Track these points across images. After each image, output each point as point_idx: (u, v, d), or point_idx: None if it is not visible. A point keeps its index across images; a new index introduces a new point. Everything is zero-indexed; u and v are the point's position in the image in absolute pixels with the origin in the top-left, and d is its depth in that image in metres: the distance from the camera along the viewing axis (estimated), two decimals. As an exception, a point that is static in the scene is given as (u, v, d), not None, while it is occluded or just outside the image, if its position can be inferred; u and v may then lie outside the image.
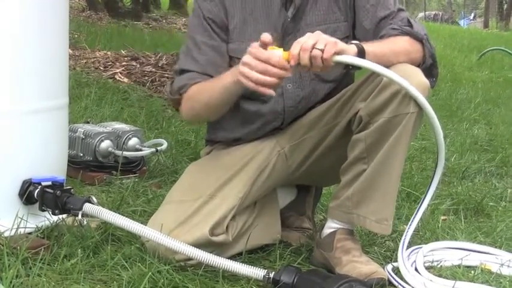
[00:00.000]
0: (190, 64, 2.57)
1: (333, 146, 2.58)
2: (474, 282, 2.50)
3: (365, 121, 2.43)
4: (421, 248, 2.70)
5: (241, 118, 2.63)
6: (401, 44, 2.48)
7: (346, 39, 2.54)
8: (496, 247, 2.86)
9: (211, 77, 2.51)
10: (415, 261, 2.57)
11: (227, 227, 2.49)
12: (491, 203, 3.56)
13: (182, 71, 2.57)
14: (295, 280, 2.25)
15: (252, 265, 2.32)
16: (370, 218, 2.47)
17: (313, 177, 2.72)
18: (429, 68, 2.52)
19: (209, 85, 2.50)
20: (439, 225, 3.13)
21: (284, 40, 2.51)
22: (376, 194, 2.46)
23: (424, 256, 2.64)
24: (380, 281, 2.40)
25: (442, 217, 3.27)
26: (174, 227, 2.42)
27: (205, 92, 2.50)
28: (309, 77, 2.58)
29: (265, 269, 2.32)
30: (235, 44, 2.58)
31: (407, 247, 2.62)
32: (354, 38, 2.56)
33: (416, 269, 2.53)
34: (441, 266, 2.65)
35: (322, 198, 3.24)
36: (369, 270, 2.41)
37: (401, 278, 2.48)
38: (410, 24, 2.53)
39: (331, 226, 2.57)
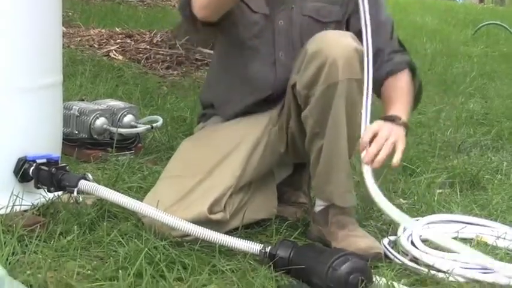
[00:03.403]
0: None
1: (298, 124, 2.58)
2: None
3: (303, 95, 2.44)
4: (417, 220, 2.70)
5: (237, 85, 2.65)
6: (410, 87, 2.64)
7: (336, 24, 2.54)
8: (491, 220, 2.87)
9: None
10: (411, 234, 2.58)
11: (225, 205, 2.49)
12: (486, 176, 3.57)
13: None
14: (291, 254, 2.26)
15: (248, 240, 2.33)
16: (335, 193, 2.51)
17: (302, 155, 2.71)
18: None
19: None
20: (435, 198, 3.13)
21: (276, 10, 2.54)
22: (335, 167, 2.48)
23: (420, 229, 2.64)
24: (377, 256, 2.40)
25: (438, 190, 3.28)
26: (172, 204, 2.42)
27: None
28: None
29: (261, 243, 2.33)
30: None
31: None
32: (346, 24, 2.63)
33: (412, 242, 2.53)
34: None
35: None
36: (366, 245, 2.41)
37: (398, 252, 2.49)
38: (402, 46, 2.73)
39: (320, 203, 2.58)
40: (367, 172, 2.35)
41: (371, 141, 2.37)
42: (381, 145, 2.37)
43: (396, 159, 2.39)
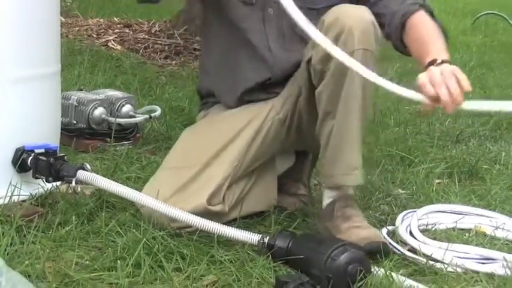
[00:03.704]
0: None
1: (309, 105, 2.56)
2: (469, 244, 2.51)
3: (318, 70, 2.42)
4: (415, 211, 2.70)
5: (234, 70, 2.64)
6: (433, 23, 2.53)
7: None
8: (490, 210, 2.87)
9: None
10: (409, 224, 2.58)
11: (224, 197, 2.48)
12: (485, 166, 3.57)
13: None
14: (289, 244, 2.26)
15: (246, 230, 2.33)
16: (342, 173, 2.48)
17: (307, 142, 2.70)
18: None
19: None
20: (434, 188, 3.13)
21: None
22: (345, 145, 2.45)
23: (419, 219, 2.64)
24: (377, 245, 2.38)
25: (437, 180, 3.28)
26: (171, 195, 2.42)
27: None
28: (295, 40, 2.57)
29: (260, 233, 2.32)
30: None
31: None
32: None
33: (411, 232, 2.53)
34: (436, 229, 2.65)
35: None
36: (366, 235, 2.40)
37: (397, 242, 2.49)
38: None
39: (328, 196, 2.56)
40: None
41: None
42: (446, 85, 2.26)
43: (466, 84, 2.30)
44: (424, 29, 2.51)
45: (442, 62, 2.32)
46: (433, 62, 2.33)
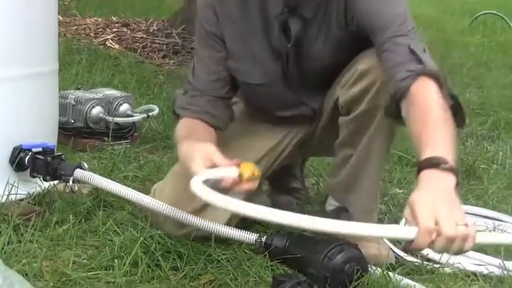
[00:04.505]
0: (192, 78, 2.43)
1: (327, 128, 2.48)
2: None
3: (345, 108, 2.35)
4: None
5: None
6: (435, 101, 1.99)
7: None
8: (487, 209, 2.87)
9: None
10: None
11: None
12: (482, 166, 3.57)
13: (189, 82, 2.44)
14: (287, 244, 2.25)
15: (243, 229, 2.32)
16: (356, 210, 2.42)
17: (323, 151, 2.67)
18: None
19: (184, 147, 2.19)
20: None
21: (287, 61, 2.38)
22: (360, 184, 2.40)
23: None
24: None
25: (434, 180, 3.27)
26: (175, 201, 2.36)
27: (180, 149, 2.23)
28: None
29: (257, 233, 2.32)
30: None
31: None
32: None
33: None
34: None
35: (314, 162, 3.24)
36: (375, 253, 2.32)
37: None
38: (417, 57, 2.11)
39: (332, 203, 2.54)
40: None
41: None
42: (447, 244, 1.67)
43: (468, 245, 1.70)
44: (419, 116, 1.98)
45: (439, 161, 1.79)
46: (427, 163, 1.81)
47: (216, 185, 1.87)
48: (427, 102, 1.98)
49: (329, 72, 2.39)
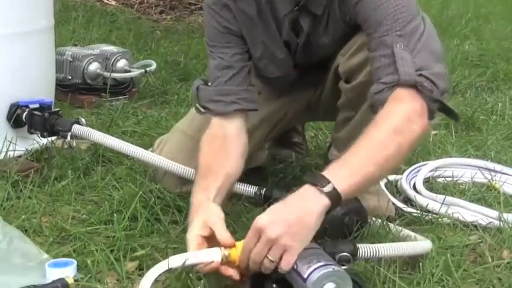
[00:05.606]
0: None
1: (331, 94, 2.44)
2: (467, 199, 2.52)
3: (344, 77, 2.32)
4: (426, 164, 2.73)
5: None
6: (388, 122, 1.93)
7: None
8: (487, 160, 2.87)
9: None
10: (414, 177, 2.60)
11: None
12: (481, 117, 3.57)
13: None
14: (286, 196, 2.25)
15: (243, 182, 2.32)
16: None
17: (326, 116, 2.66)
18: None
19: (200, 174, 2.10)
20: (430, 139, 3.13)
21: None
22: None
23: (431, 171, 2.68)
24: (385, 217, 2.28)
25: (433, 132, 3.27)
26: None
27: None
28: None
29: (256, 185, 2.32)
30: None
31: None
32: None
33: (414, 185, 2.54)
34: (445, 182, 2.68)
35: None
36: (375, 205, 2.31)
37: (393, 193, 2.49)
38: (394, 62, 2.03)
39: (334, 153, 2.52)
40: None
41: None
42: (259, 258, 1.71)
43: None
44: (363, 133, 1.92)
45: (321, 182, 1.76)
46: (311, 181, 1.79)
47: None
48: (379, 124, 1.92)
49: (334, 55, 2.37)
